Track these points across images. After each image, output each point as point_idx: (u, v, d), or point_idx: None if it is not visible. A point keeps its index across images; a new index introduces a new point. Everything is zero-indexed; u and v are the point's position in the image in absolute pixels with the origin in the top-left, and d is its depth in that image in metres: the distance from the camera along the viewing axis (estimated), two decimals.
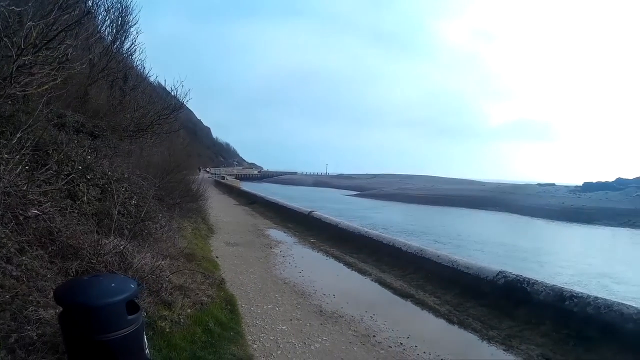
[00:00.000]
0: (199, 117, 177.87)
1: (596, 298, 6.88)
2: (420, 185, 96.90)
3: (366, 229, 15.09)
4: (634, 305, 6.60)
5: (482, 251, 23.62)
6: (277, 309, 7.58)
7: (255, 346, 5.83)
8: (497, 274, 8.54)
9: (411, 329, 6.90)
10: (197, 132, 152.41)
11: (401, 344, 6.32)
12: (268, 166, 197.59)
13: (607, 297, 7.12)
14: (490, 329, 7.21)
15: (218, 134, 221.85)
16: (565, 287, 7.66)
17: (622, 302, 6.79)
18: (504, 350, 6.39)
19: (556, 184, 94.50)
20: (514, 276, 8.23)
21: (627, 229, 42.28)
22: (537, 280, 7.94)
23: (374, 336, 6.58)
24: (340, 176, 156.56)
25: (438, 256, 10.49)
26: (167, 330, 5.24)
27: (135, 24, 16.79)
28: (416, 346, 6.24)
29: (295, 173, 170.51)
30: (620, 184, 78.04)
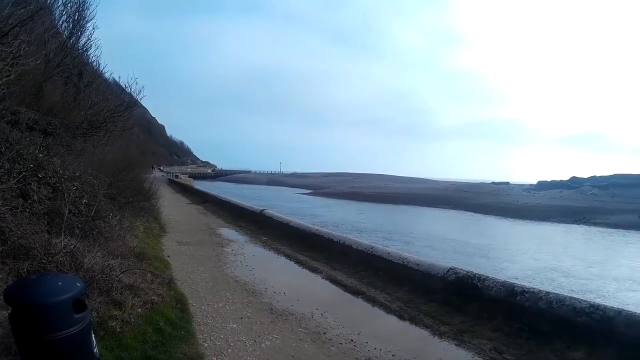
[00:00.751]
0: (153, 115, 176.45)
1: (548, 293, 7.04)
2: (374, 184, 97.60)
3: (317, 227, 15.21)
4: (586, 300, 6.77)
5: (431, 247, 24.02)
6: (227, 307, 7.60)
7: (206, 345, 5.84)
8: (448, 271, 8.65)
9: (362, 326, 6.98)
10: (151, 130, 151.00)
11: (352, 340, 6.39)
12: (222, 165, 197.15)
13: (554, 291, 7.31)
14: (441, 324, 7.29)
15: (173, 132, 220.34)
16: (517, 282, 7.80)
17: (575, 296, 6.98)
18: (455, 345, 6.49)
19: (510, 182, 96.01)
20: (465, 272, 8.36)
21: (582, 226, 43.23)
22: (487, 277, 8.06)
23: (324, 333, 6.64)
24: (294, 175, 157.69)
25: (388, 253, 10.59)
26: (118, 330, 5.21)
27: (92, 19, 16.58)
28: (367, 342, 6.30)
29: (249, 172, 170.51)
30: (574, 183, 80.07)
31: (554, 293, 7.08)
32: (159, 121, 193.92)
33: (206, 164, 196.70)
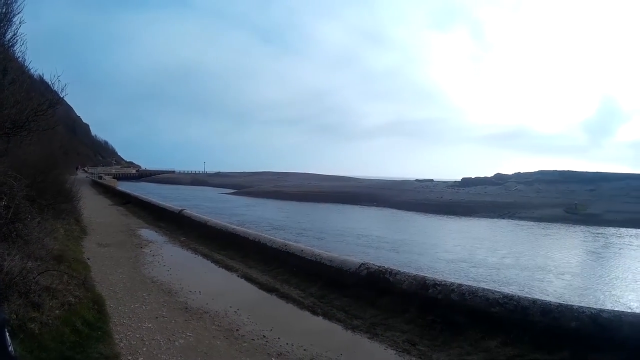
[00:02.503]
0: (78, 114, 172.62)
1: (460, 285, 7.32)
2: (297, 183, 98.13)
3: (233, 226, 15.48)
4: (499, 291, 7.10)
5: (346, 243, 24.43)
6: (144, 307, 7.67)
7: (122, 344, 5.90)
8: (360, 266, 8.86)
9: (275, 322, 7.14)
10: (76, 129, 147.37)
11: (264, 336, 6.53)
12: (147, 165, 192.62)
13: (465, 283, 7.70)
14: (354, 318, 7.51)
15: (97, 131, 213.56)
16: (429, 276, 8.09)
17: (488, 288, 7.31)
18: (368, 338, 6.69)
19: (435, 179, 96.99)
20: (376, 267, 8.59)
21: (507, 220, 44.30)
22: (399, 271, 8.31)
23: (237, 330, 6.78)
24: (218, 174, 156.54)
25: (302, 250, 10.86)
26: (37, 331, 5.20)
27: (19, 13, 16.29)
28: (279, 338, 6.46)
29: (174, 171, 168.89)
30: (499, 179, 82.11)
31: (466, 285, 7.39)
32: (84, 120, 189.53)
33: (130, 164, 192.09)
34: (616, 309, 7.23)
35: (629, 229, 39.09)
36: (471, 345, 6.32)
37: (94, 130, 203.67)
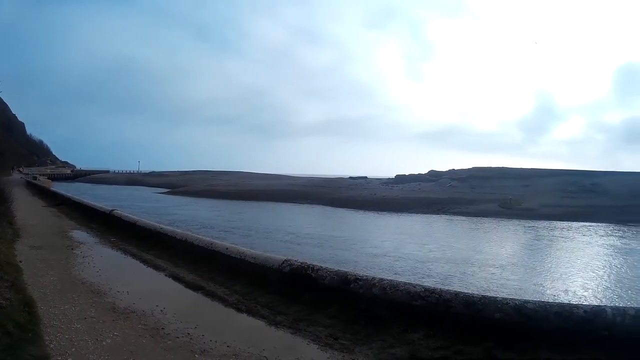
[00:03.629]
0: (14, 112, 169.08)
1: (382, 279, 7.52)
2: (232, 182, 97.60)
3: (162, 226, 15.56)
4: (420, 284, 7.38)
5: (273, 240, 24.57)
6: (73, 308, 7.68)
7: (52, 346, 5.93)
8: (283, 263, 9.05)
9: (200, 320, 7.28)
10: (12, 128, 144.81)
11: (189, 334, 6.64)
12: (82, 165, 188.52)
13: (387, 277, 7.99)
14: (278, 314, 7.67)
15: (32, 130, 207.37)
16: (350, 271, 8.34)
17: (409, 282, 7.57)
18: (291, 333, 6.86)
19: (368, 177, 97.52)
20: (299, 263, 8.78)
21: (441, 215, 44.98)
22: (321, 267, 8.51)
23: (163, 328, 6.88)
24: (152, 174, 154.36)
25: (227, 248, 11.06)
26: None
27: None
28: (203, 335, 6.57)
29: (108, 171, 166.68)
30: (433, 176, 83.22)
31: (387, 280, 7.59)
32: (19, 118, 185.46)
33: (65, 164, 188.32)
34: (542, 300, 7.46)
35: (562, 222, 40.18)
36: (394, 338, 6.49)
37: (29, 129, 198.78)
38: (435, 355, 6.02)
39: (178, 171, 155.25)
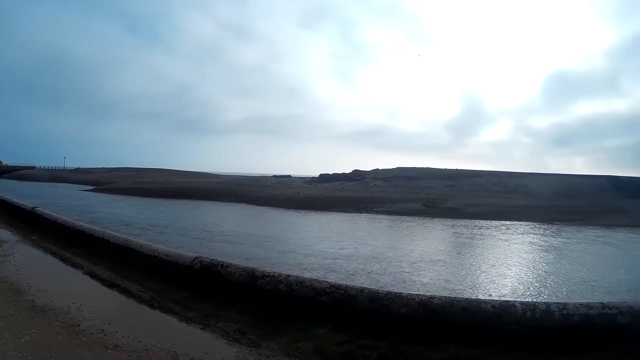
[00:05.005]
0: None
1: (288, 276, 7.82)
2: (157, 179, 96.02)
3: (81, 224, 15.59)
4: (326, 280, 7.75)
5: (188, 237, 23.92)
6: None
7: None
8: (194, 260, 9.32)
9: (114, 316, 7.40)
10: None
11: (103, 330, 6.74)
12: (7, 160, 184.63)
13: (294, 273, 8.37)
14: (189, 310, 7.89)
15: None
16: (258, 268, 8.63)
17: (316, 278, 7.93)
18: (200, 329, 7.07)
19: (292, 175, 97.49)
20: (209, 260, 9.05)
21: (365, 214, 44.95)
22: (230, 263, 8.83)
23: (78, 325, 6.93)
24: (78, 170, 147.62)
25: (141, 245, 11.27)
26: None
27: None
28: (117, 331, 6.68)
29: (34, 167, 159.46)
30: (357, 175, 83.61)
31: (294, 276, 7.89)
32: None
33: None
34: (449, 295, 7.99)
35: (485, 220, 40.63)
36: (301, 333, 6.73)
37: None
38: (341, 350, 6.25)
39: (104, 168, 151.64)
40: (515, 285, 16.19)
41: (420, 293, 7.32)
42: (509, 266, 20.19)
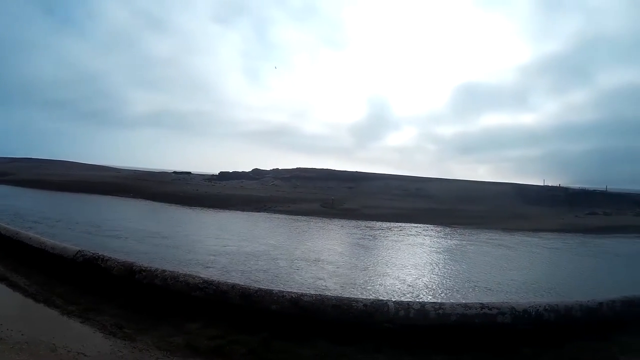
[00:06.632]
0: None
1: (164, 271, 7.93)
2: (58, 171, 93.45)
3: None
4: (199, 276, 7.92)
5: (75, 231, 23.46)
6: None
7: None
8: (77, 253, 9.20)
9: (0, 310, 7.37)
10: None
11: None
12: None
13: (170, 268, 8.43)
14: (70, 304, 7.82)
15: None
16: (137, 262, 8.70)
17: (190, 274, 8.07)
18: (80, 322, 7.06)
19: (192, 172, 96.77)
20: (91, 254, 8.97)
21: (262, 213, 44.56)
22: (110, 257, 8.79)
23: None
24: None
25: (30, 238, 11.02)
26: None
27: None
28: (1, 324, 6.55)
29: None
30: (257, 174, 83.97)
31: (169, 271, 8.00)
32: None
33: None
34: (319, 293, 8.18)
35: (383, 222, 41.03)
36: (174, 328, 6.86)
37: None
38: (211, 344, 6.39)
39: (6, 157, 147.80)
40: (395, 285, 16.45)
41: (291, 291, 7.55)
42: (393, 266, 20.57)
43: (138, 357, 6.02)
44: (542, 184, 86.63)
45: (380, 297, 10.40)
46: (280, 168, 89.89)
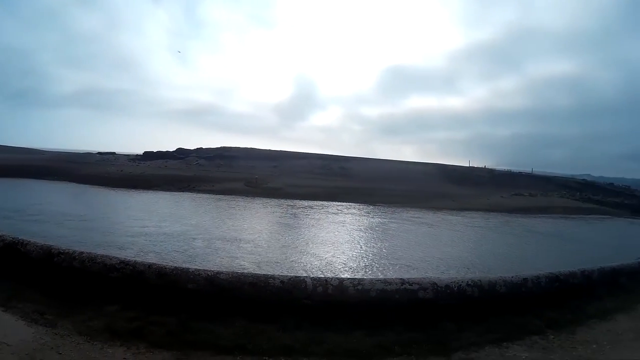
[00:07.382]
0: None
1: (82, 253, 7.83)
2: None
3: None
4: (116, 256, 7.87)
5: None
6: None
7: None
8: None
9: None
10: None
11: None
12: None
13: (91, 250, 8.41)
14: None
15: None
16: (55, 245, 8.52)
17: (107, 254, 8.00)
18: (3, 310, 6.89)
19: (117, 153, 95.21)
20: (11, 239, 8.74)
21: (187, 193, 44.06)
22: (30, 241, 8.56)
23: None
24: None
25: None
26: None
27: None
28: None
29: None
30: (181, 154, 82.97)
31: (87, 252, 7.88)
32: None
33: None
34: (237, 271, 8.01)
35: (306, 201, 41.12)
36: (94, 311, 6.83)
37: None
38: (131, 327, 6.41)
39: None
40: (313, 262, 16.74)
41: (207, 269, 7.55)
42: (312, 244, 20.92)
43: (59, 343, 5.98)
44: (467, 165, 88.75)
45: (298, 274, 10.32)
46: (204, 147, 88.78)
